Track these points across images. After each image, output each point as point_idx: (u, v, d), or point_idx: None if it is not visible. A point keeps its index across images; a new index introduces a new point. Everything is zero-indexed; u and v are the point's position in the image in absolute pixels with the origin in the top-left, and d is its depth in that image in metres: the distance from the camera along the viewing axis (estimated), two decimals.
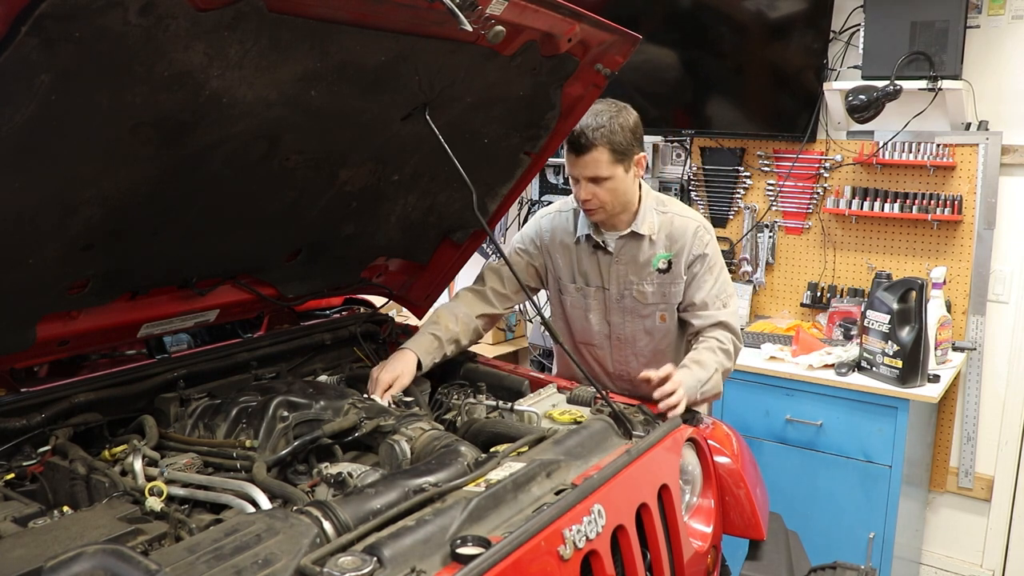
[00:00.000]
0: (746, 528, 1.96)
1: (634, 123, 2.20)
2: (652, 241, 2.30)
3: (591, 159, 2.17)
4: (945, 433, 3.55)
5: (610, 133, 2.14)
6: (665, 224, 2.31)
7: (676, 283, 2.30)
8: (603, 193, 2.21)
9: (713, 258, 2.30)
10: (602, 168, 2.17)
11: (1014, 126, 3.28)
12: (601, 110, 2.17)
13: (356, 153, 1.89)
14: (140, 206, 1.54)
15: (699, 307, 2.30)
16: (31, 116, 1.18)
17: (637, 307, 2.34)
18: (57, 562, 1.09)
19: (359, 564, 1.14)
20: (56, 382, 1.79)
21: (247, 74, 1.39)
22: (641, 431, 1.80)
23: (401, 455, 1.67)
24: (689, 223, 2.31)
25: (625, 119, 2.18)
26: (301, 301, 2.34)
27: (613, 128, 2.14)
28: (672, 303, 2.32)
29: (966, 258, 3.42)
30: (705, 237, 2.30)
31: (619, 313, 2.37)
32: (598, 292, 2.37)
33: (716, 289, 2.30)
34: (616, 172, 2.18)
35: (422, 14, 1.46)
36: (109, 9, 1.11)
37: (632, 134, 2.18)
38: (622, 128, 2.16)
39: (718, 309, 2.29)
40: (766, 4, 3.58)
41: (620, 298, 2.35)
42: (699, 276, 2.29)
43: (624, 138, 2.16)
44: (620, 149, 2.16)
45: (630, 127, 2.18)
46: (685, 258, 2.29)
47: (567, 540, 1.32)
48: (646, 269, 2.31)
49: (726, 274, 2.35)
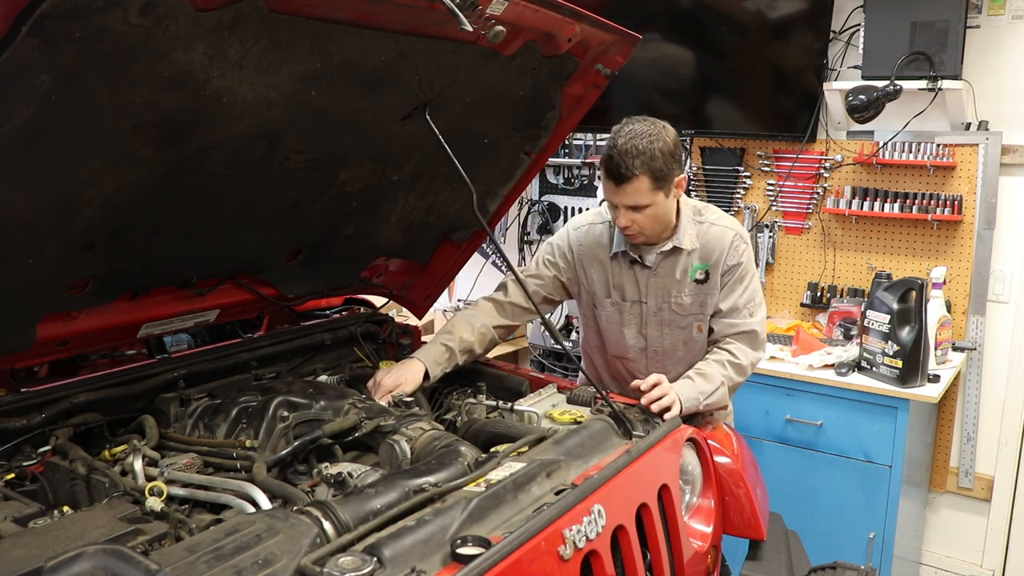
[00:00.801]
0: (746, 528, 1.96)
1: (673, 144, 2.09)
2: (689, 252, 2.23)
3: (632, 189, 2.05)
4: (945, 433, 3.55)
5: (650, 160, 2.03)
6: (702, 234, 2.24)
7: (713, 293, 2.25)
8: (643, 220, 2.11)
9: (746, 267, 2.25)
10: (642, 197, 2.06)
11: (1014, 126, 3.28)
12: (639, 132, 2.05)
13: (356, 153, 1.89)
14: (140, 206, 1.54)
15: (724, 314, 2.25)
16: (31, 116, 1.18)
17: (676, 319, 2.28)
18: (57, 562, 1.09)
19: (359, 564, 1.14)
20: (56, 382, 1.79)
21: (247, 74, 1.39)
22: (641, 431, 1.80)
23: (401, 455, 1.67)
24: (726, 233, 2.24)
25: (664, 142, 2.06)
26: (301, 301, 2.34)
27: (653, 154, 2.03)
28: (707, 313, 2.27)
29: (966, 258, 3.42)
30: (741, 247, 2.24)
31: (656, 326, 2.30)
32: (634, 306, 2.30)
33: (745, 297, 2.25)
34: (656, 199, 2.08)
35: (422, 14, 1.46)
36: (109, 9, 1.12)
37: (672, 156, 2.07)
38: (662, 153, 2.04)
39: (744, 318, 2.25)
40: (766, 4, 3.58)
41: (658, 311, 2.28)
42: (731, 284, 2.24)
43: (665, 163, 2.05)
44: (660, 176, 2.05)
45: (669, 150, 2.06)
46: (721, 268, 2.23)
47: (567, 540, 1.32)
48: (684, 280, 2.25)
49: (757, 283, 2.30)
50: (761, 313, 2.29)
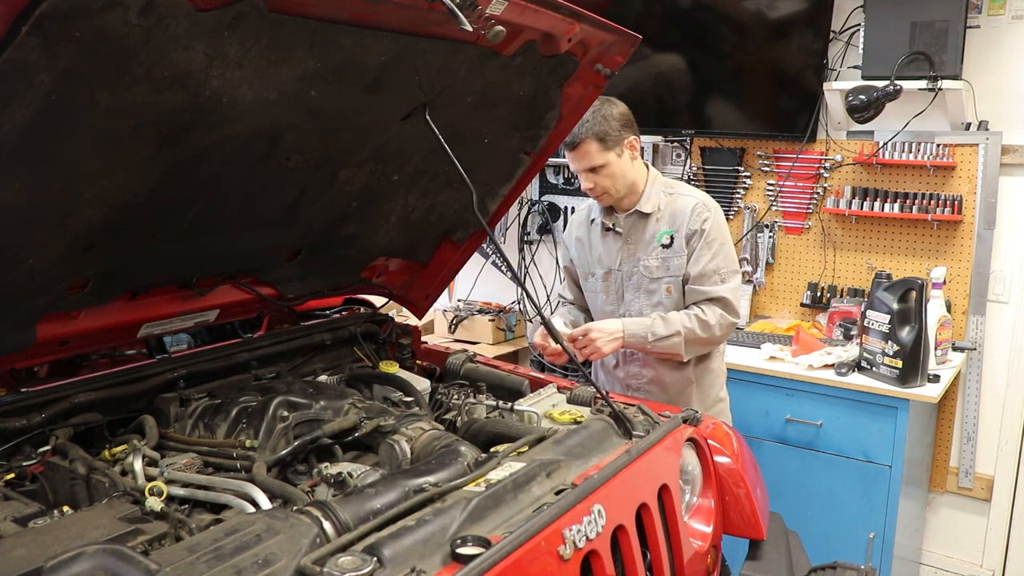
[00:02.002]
0: (746, 528, 1.95)
1: (619, 113, 2.41)
2: (657, 219, 2.47)
3: (582, 151, 2.40)
4: (945, 433, 3.55)
5: (595, 125, 2.36)
6: (669, 204, 2.48)
7: (678, 256, 2.44)
8: (603, 180, 2.43)
9: (712, 233, 2.42)
10: (594, 158, 2.39)
11: (1014, 126, 3.29)
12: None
13: (356, 153, 1.89)
14: (140, 206, 1.54)
15: (695, 280, 2.43)
16: (31, 116, 1.18)
17: (643, 282, 2.49)
18: (57, 562, 1.09)
19: (359, 564, 1.14)
20: (56, 382, 1.78)
21: (247, 74, 1.38)
22: (641, 431, 1.80)
23: (401, 455, 1.67)
24: (689, 200, 2.46)
25: (608, 110, 2.38)
26: (301, 301, 2.34)
27: (596, 119, 2.36)
28: (676, 275, 2.45)
29: (966, 258, 3.42)
30: (704, 214, 2.43)
31: (631, 291, 2.53)
32: (610, 275, 2.56)
33: (714, 264, 2.42)
34: (608, 159, 2.40)
35: (422, 14, 1.46)
36: (109, 9, 1.11)
37: (617, 122, 2.39)
38: (605, 118, 2.37)
39: (715, 284, 2.42)
40: (766, 4, 3.58)
41: (629, 277, 2.52)
42: (698, 250, 2.42)
43: (609, 126, 2.37)
44: (607, 137, 2.38)
45: (614, 116, 2.39)
46: (685, 232, 2.43)
47: (567, 540, 1.32)
48: (651, 245, 2.48)
49: (728, 251, 2.46)
50: (733, 281, 2.45)
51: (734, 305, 2.43)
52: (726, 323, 2.43)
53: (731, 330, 2.48)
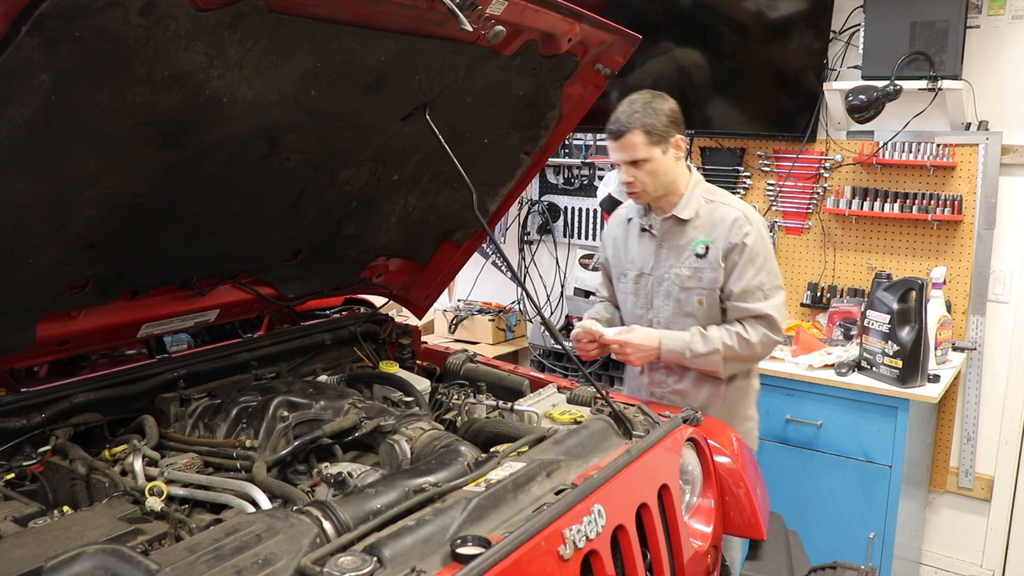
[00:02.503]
0: (746, 528, 1.95)
1: (670, 108, 2.29)
2: (694, 226, 2.35)
3: (627, 142, 2.26)
4: (945, 433, 3.55)
5: (643, 116, 2.24)
6: (708, 212, 2.35)
7: (713, 269, 2.31)
8: (643, 175, 2.29)
9: (755, 249, 2.29)
10: (639, 150, 2.25)
11: (1014, 126, 3.28)
12: (636, 98, 2.28)
13: (356, 153, 1.89)
14: (140, 206, 1.54)
15: (738, 296, 2.31)
16: (31, 116, 1.18)
17: (674, 290, 2.37)
18: (57, 562, 1.09)
19: (359, 564, 1.14)
20: (56, 382, 1.79)
21: (247, 74, 1.39)
22: (641, 431, 1.80)
23: (401, 455, 1.67)
24: (730, 212, 2.33)
25: (660, 104, 2.27)
26: (301, 301, 2.34)
27: (647, 111, 2.24)
28: (708, 288, 2.33)
29: (966, 258, 3.42)
30: (745, 227, 2.30)
31: (661, 297, 2.41)
32: (642, 278, 2.45)
33: (757, 280, 2.30)
34: (653, 153, 2.26)
35: (422, 14, 1.46)
36: (109, 9, 1.11)
37: (667, 118, 2.27)
38: (656, 112, 2.25)
39: (758, 301, 2.30)
40: (766, 4, 3.58)
41: (660, 282, 2.41)
42: (739, 266, 2.30)
43: (659, 121, 2.25)
44: (655, 131, 2.25)
45: (665, 112, 2.27)
46: (722, 245, 2.30)
47: (567, 540, 1.32)
48: (685, 252, 2.36)
49: (772, 266, 2.34)
50: (777, 297, 2.32)
51: (778, 323, 2.31)
52: (768, 341, 2.31)
53: (773, 348, 2.37)
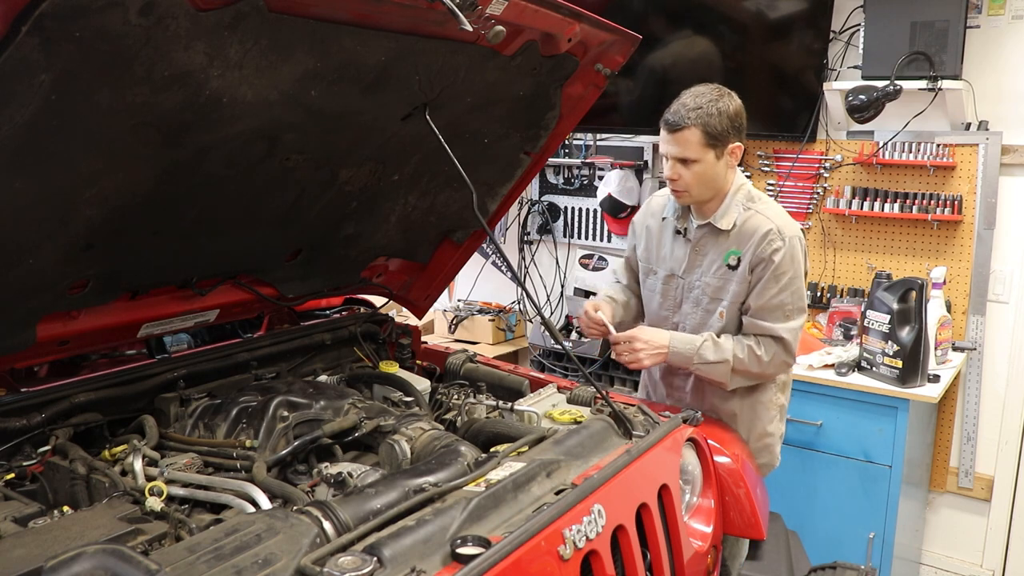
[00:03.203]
0: (746, 528, 1.96)
1: (735, 110, 2.15)
2: (728, 236, 2.21)
3: (682, 138, 2.12)
4: (945, 433, 3.55)
5: (706, 115, 2.09)
6: (744, 221, 2.20)
7: (739, 282, 2.18)
8: (689, 176, 2.15)
9: (783, 266, 2.13)
10: (691, 149, 2.12)
11: (1014, 126, 3.28)
12: (703, 92, 2.14)
13: (356, 153, 1.89)
14: (140, 206, 1.54)
15: (755, 312, 2.17)
16: (31, 116, 1.18)
17: (703, 299, 2.26)
18: (57, 562, 1.09)
19: (359, 564, 1.14)
20: (56, 382, 1.79)
21: (247, 74, 1.39)
22: (641, 431, 1.80)
23: (401, 455, 1.67)
24: (763, 223, 2.17)
25: (726, 104, 2.13)
26: (301, 301, 2.34)
27: (711, 111, 2.10)
28: (732, 302, 2.20)
29: (966, 258, 3.42)
30: (776, 242, 2.13)
31: (690, 303, 2.29)
32: (672, 280, 2.32)
33: (779, 299, 2.15)
34: (706, 156, 2.12)
35: (422, 14, 1.46)
36: (109, 9, 1.12)
37: (731, 121, 2.13)
38: (720, 112, 2.11)
39: (777, 321, 2.15)
40: (766, 4, 3.58)
41: (691, 288, 2.28)
42: (763, 281, 2.15)
43: (720, 122, 2.10)
44: (714, 133, 2.10)
45: (729, 113, 2.12)
46: (750, 259, 2.16)
47: (567, 540, 1.32)
48: (717, 262, 2.23)
49: (798, 286, 2.17)
50: (797, 320, 2.17)
51: (792, 347, 2.18)
52: (779, 362, 2.18)
53: (784, 369, 2.25)
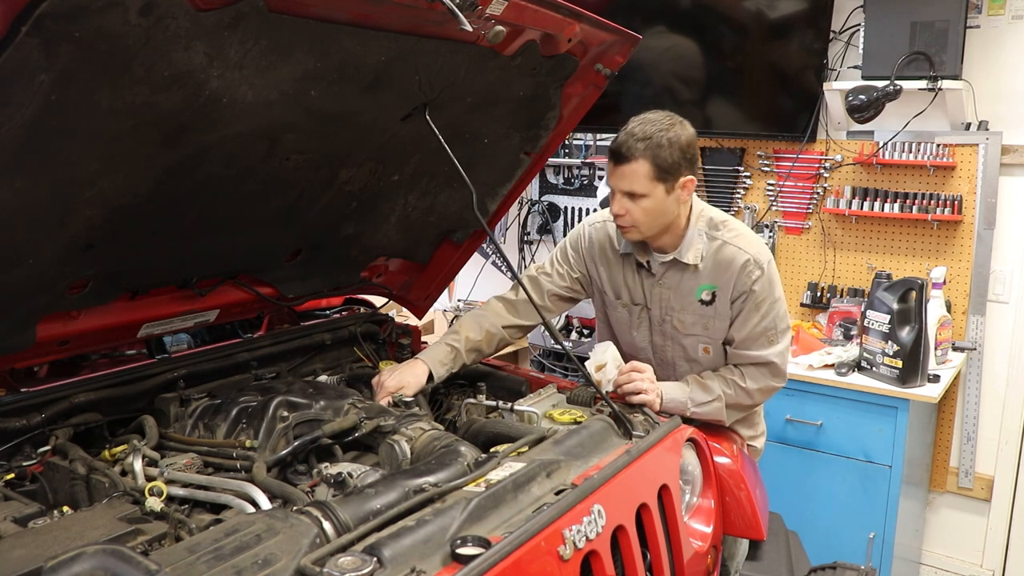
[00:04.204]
0: (746, 528, 1.95)
1: (686, 140, 1.99)
2: (697, 270, 2.09)
3: (629, 171, 1.97)
4: (945, 433, 3.55)
5: (656, 147, 1.94)
6: (713, 253, 2.08)
7: (720, 318, 2.10)
8: (637, 211, 2.00)
9: (761, 294, 2.06)
10: (639, 183, 1.97)
11: (1014, 126, 3.28)
12: (652, 120, 1.99)
13: (356, 153, 1.89)
14: (140, 206, 1.54)
15: (740, 343, 2.11)
16: (31, 116, 1.18)
17: (676, 335, 2.17)
18: (57, 562, 1.09)
19: (359, 564, 1.14)
20: (56, 382, 1.79)
21: (247, 74, 1.39)
22: (641, 431, 1.80)
23: (401, 455, 1.66)
24: (739, 255, 2.05)
25: (677, 134, 1.97)
26: (301, 301, 2.34)
27: (660, 141, 1.95)
28: (715, 337, 2.13)
29: (966, 258, 3.42)
30: (754, 272, 2.05)
31: (660, 336, 2.21)
32: (643, 311, 2.21)
33: (762, 326, 2.08)
34: (655, 191, 1.97)
35: (422, 14, 1.46)
36: (109, 9, 1.12)
37: (682, 152, 1.97)
38: (670, 142, 1.95)
39: (761, 348, 2.09)
40: (766, 4, 3.58)
41: (661, 322, 2.18)
42: (744, 313, 2.07)
43: (671, 154, 1.95)
44: (663, 165, 1.95)
45: (681, 144, 1.97)
46: (731, 293, 2.07)
47: (567, 540, 1.32)
48: (688, 298, 2.11)
49: (779, 308, 2.10)
50: (782, 343, 2.11)
51: (782, 369, 2.12)
52: (767, 388, 2.12)
53: (772, 394, 2.17)
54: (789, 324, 2.16)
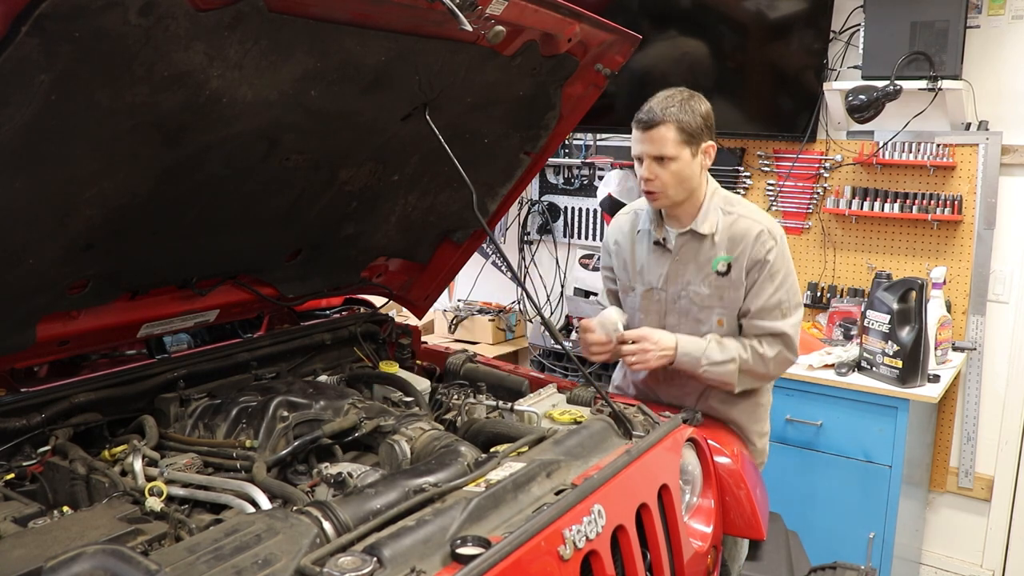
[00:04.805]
0: (746, 528, 1.96)
1: (706, 111, 2.16)
2: (714, 242, 2.19)
3: (658, 135, 2.11)
4: (945, 433, 3.55)
5: (680, 112, 2.11)
6: (729, 226, 2.19)
7: (735, 288, 2.18)
8: (666, 175, 2.13)
9: (776, 265, 2.16)
10: (668, 147, 2.11)
11: (1014, 126, 3.28)
12: (673, 93, 2.15)
13: (356, 153, 1.89)
14: (140, 206, 1.54)
15: (755, 314, 2.18)
16: (31, 116, 1.18)
17: (692, 309, 2.23)
18: (57, 562, 1.09)
19: (359, 564, 1.14)
20: (56, 382, 1.79)
21: (247, 74, 1.39)
22: (641, 431, 1.80)
23: (401, 455, 1.67)
24: (753, 226, 2.17)
25: (697, 104, 2.15)
26: (301, 301, 2.34)
27: (684, 109, 2.12)
28: (730, 308, 2.20)
29: (966, 258, 3.42)
30: (768, 243, 2.16)
31: (675, 315, 2.26)
32: (654, 293, 2.28)
33: (776, 298, 2.17)
34: (682, 154, 2.12)
35: (422, 14, 1.46)
36: (109, 9, 1.12)
37: (703, 120, 2.14)
38: (693, 111, 2.12)
39: (775, 320, 2.17)
40: (766, 4, 3.58)
41: (676, 300, 2.25)
42: (759, 283, 2.16)
43: (694, 120, 2.12)
44: (689, 129, 2.11)
45: (702, 112, 2.14)
46: (745, 263, 2.17)
47: (567, 540, 1.32)
48: (704, 270, 2.20)
49: (792, 282, 2.21)
50: (795, 316, 2.20)
51: (794, 342, 2.20)
52: (783, 359, 2.20)
53: (787, 367, 2.25)
54: (801, 301, 2.25)
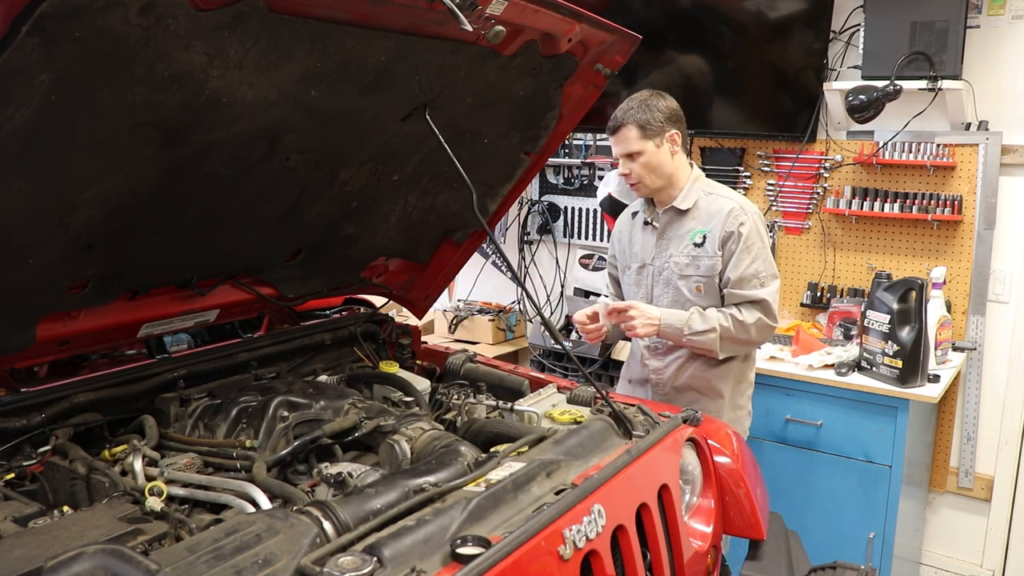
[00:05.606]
0: (746, 528, 1.95)
1: (666, 106, 2.44)
2: (693, 217, 2.49)
3: (622, 136, 2.44)
4: (945, 433, 3.55)
5: (638, 112, 2.41)
6: (707, 204, 2.49)
7: (709, 257, 2.45)
8: (638, 167, 2.44)
9: (750, 238, 2.42)
10: (632, 144, 2.42)
11: (1014, 126, 3.28)
12: (634, 96, 2.45)
13: (356, 153, 1.89)
14: (140, 206, 1.54)
15: (734, 283, 2.43)
16: (31, 116, 1.18)
17: (672, 278, 2.51)
18: (57, 562, 1.09)
19: (359, 564, 1.14)
20: (56, 382, 1.79)
21: (247, 74, 1.39)
22: (641, 431, 1.80)
23: (401, 455, 1.67)
24: (726, 203, 2.46)
25: (656, 102, 2.43)
26: (301, 301, 2.34)
27: (642, 108, 2.41)
28: (706, 275, 2.45)
29: (966, 258, 3.42)
30: (740, 217, 2.42)
31: (661, 285, 2.55)
32: (644, 269, 2.58)
33: (753, 268, 2.42)
34: (646, 147, 2.42)
35: (422, 14, 1.46)
36: (109, 9, 1.12)
37: (663, 114, 2.42)
38: (650, 108, 2.41)
39: (754, 288, 2.42)
40: (766, 4, 3.58)
41: (661, 271, 2.54)
42: (736, 254, 2.42)
43: (652, 116, 2.41)
44: (648, 126, 2.41)
45: (660, 108, 2.42)
46: (719, 235, 2.43)
47: (567, 540, 1.32)
48: (684, 241, 2.50)
49: (767, 256, 2.46)
50: (772, 285, 2.45)
51: (773, 309, 2.44)
52: (763, 325, 2.43)
53: (769, 334, 2.50)
54: (776, 273, 2.50)
